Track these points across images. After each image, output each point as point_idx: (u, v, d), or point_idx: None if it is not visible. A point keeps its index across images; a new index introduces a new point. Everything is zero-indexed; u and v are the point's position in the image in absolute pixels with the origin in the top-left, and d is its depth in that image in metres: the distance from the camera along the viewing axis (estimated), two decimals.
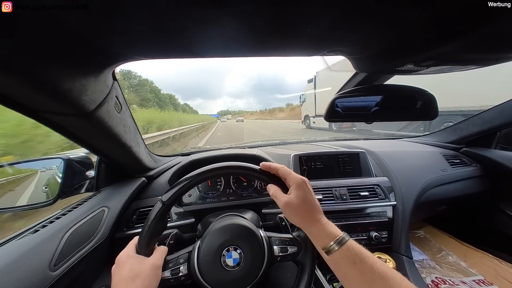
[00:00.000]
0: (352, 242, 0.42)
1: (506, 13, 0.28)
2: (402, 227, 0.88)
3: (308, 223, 0.46)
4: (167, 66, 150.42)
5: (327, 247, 0.42)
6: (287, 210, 0.47)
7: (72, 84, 0.37)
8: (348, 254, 0.40)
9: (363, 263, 0.38)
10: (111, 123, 0.53)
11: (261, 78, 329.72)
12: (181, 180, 0.49)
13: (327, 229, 0.44)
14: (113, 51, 0.38)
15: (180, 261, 0.48)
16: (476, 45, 0.37)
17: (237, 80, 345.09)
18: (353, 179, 0.98)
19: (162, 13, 0.28)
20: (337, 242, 0.41)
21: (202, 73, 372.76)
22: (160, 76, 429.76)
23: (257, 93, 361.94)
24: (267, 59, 32.41)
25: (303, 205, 0.46)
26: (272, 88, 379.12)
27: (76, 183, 0.79)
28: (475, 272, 0.94)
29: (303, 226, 0.47)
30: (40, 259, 0.47)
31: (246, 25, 0.32)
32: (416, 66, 0.47)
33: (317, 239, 0.45)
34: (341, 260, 0.41)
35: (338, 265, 0.41)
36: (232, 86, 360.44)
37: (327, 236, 0.43)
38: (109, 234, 0.64)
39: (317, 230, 0.45)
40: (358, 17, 0.30)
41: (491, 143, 1.19)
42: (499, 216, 1.13)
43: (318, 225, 0.45)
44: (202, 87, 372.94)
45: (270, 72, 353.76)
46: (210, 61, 0.71)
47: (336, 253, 0.41)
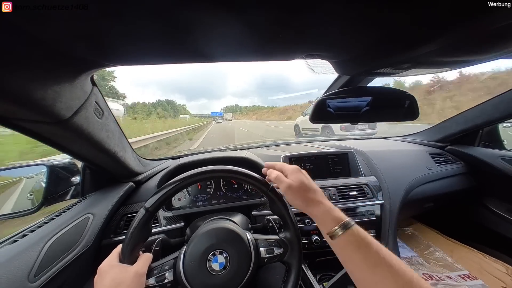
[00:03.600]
0: (358, 227, 0.42)
1: (484, 14, 0.29)
2: (389, 225, 0.90)
3: (310, 205, 0.47)
4: (171, 68, 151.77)
5: (331, 232, 0.42)
6: (289, 192, 0.48)
7: (43, 91, 0.36)
8: (353, 239, 0.40)
9: (368, 248, 0.38)
10: (91, 129, 0.52)
11: (264, 77, 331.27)
12: (164, 186, 0.49)
13: (332, 213, 0.44)
14: (87, 58, 0.38)
15: (165, 267, 0.48)
16: (451, 48, 0.39)
17: (241, 79, 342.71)
18: (342, 179, 0.99)
19: (159, 17, 0.28)
20: (342, 227, 0.41)
21: (205, 74, 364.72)
22: (163, 78, 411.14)
23: (261, 92, 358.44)
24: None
25: (303, 186, 0.48)
26: (277, 87, 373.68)
27: (61, 190, 0.77)
28: (460, 267, 0.97)
29: (307, 210, 0.47)
30: (18, 270, 0.45)
31: (222, 31, 0.32)
32: (394, 68, 0.49)
33: (321, 223, 0.45)
34: (345, 244, 0.41)
35: (342, 250, 0.41)
36: (236, 86, 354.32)
37: (332, 220, 0.43)
38: (94, 241, 0.63)
39: (321, 213, 0.45)
40: (329, 23, 0.31)
41: (474, 141, 1.23)
42: (483, 211, 1.17)
43: (322, 208, 0.45)
44: (205, 88, 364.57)
45: (273, 71, 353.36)
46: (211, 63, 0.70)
47: (341, 238, 0.41)
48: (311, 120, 0.67)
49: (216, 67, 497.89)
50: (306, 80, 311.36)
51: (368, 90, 0.67)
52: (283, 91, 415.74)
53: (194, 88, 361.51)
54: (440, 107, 13.70)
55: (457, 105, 12.31)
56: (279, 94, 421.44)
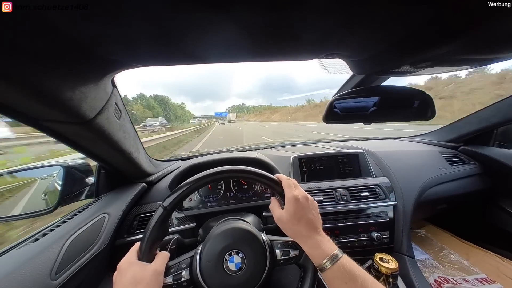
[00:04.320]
0: (345, 260, 0.42)
1: (503, 12, 0.28)
2: (403, 227, 0.88)
3: (299, 239, 0.47)
4: (176, 71, 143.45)
5: (320, 265, 0.43)
6: (279, 224, 0.49)
7: (72, 92, 0.37)
8: (339, 274, 0.41)
9: (354, 282, 0.39)
10: (110, 130, 0.53)
11: (269, 78, 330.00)
12: (182, 185, 0.49)
13: (320, 246, 0.44)
14: (113, 59, 0.38)
15: (182, 266, 0.48)
16: (473, 46, 0.38)
17: (246, 80, 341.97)
18: (353, 180, 0.98)
19: (161, 20, 0.29)
20: (329, 260, 0.42)
21: (211, 75, 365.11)
22: (169, 80, 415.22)
23: (265, 93, 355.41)
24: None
25: (293, 221, 0.47)
26: (282, 87, 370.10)
27: (76, 190, 0.79)
28: (477, 271, 0.94)
29: (296, 241, 0.48)
30: (41, 268, 0.46)
31: (245, 31, 0.32)
32: (412, 67, 0.48)
33: (311, 256, 0.46)
34: (332, 278, 0.42)
35: (330, 283, 0.42)
36: (240, 87, 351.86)
37: (320, 255, 0.44)
38: (109, 241, 0.64)
39: (309, 247, 0.45)
40: (354, 23, 0.31)
41: (489, 141, 1.20)
42: (499, 213, 1.14)
43: (310, 242, 0.45)
44: (210, 89, 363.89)
45: (278, 72, 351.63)
46: (216, 64, 0.71)
47: (329, 271, 0.42)
48: (325, 121, 0.66)
49: (221, 68, 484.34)
50: (314, 80, 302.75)
51: (383, 90, 0.66)
52: (288, 91, 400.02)
53: (199, 90, 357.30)
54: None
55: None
56: (284, 95, 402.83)
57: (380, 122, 0.71)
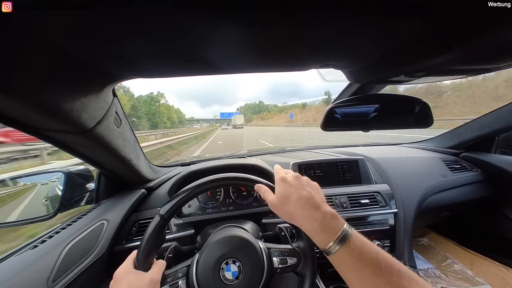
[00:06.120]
0: (355, 237, 0.36)
1: (496, 24, 0.29)
2: (404, 235, 0.87)
3: (296, 221, 0.41)
4: (186, 78, 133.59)
5: (325, 249, 0.37)
6: (273, 210, 0.45)
7: (73, 103, 0.38)
8: (348, 258, 0.35)
9: (369, 254, 0.34)
10: (110, 138, 0.54)
11: (276, 84, 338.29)
12: (179, 192, 0.50)
13: (324, 225, 0.38)
14: (113, 72, 0.40)
15: (178, 275, 0.48)
16: (465, 57, 0.38)
17: (252, 86, 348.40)
18: (353, 187, 0.97)
19: (162, 36, 0.30)
20: (337, 241, 0.36)
21: (218, 81, 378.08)
22: (177, 87, 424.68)
23: (273, 97, 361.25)
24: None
25: (284, 201, 0.42)
26: (289, 92, 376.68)
27: (76, 196, 0.79)
28: (482, 281, 0.92)
29: (295, 224, 0.43)
30: (38, 275, 0.46)
31: (242, 45, 0.33)
32: (408, 77, 0.49)
33: (314, 239, 0.39)
34: (342, 261, 0.36)
35: (339, 266, 0.37)
36: (247, 92, 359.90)
37: (323, 239, 0.37)
38: (108, 247, 0.63)
39: (309, 229, 0.39)
40: (345, 36, 0.31)
41: (491, 147, 1.19)
42: (503, 222, 1.12)
43: (308, 222, 0.39)
44: (218, 94, 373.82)
45: (284, 78, 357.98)
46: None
47: (337, 254, 0.36)
48: (323, 128, 0.67)
49: (229, 76, 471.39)
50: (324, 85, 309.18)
51: (380, 98, 0.66)
52: (296, 96, 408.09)
53: (208, 95, 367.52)
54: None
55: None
56: (292, 99, 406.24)
57: (378, 129, 0.71)
